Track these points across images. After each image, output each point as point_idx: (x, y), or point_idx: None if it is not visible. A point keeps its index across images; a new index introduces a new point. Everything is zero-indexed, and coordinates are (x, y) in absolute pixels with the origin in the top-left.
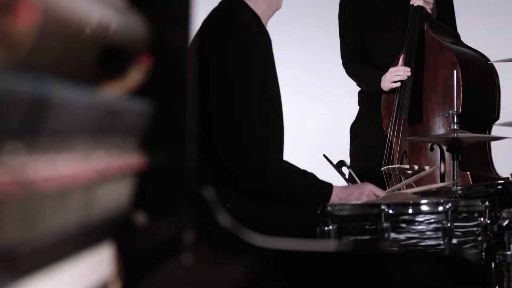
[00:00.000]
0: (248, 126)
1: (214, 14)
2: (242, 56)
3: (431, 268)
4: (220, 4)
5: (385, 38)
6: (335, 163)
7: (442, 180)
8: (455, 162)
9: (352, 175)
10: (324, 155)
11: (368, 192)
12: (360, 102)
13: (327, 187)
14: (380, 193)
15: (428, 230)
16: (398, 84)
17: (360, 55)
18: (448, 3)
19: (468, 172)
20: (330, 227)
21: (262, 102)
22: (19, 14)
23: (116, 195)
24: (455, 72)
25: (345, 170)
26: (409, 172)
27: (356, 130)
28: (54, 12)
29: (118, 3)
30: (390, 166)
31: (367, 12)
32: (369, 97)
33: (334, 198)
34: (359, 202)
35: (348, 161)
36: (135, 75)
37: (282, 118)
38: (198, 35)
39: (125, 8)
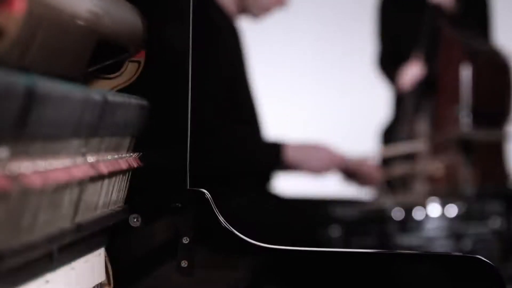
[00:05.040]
0: (212, 126)
1: None
2: (210, 54)
3: (441, 269)
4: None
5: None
6: None
7: (446, 176)
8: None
9: None
10: None
11: (326, 159)
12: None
13: (275, 153)
14: (338, 159)
15: (437, 234)
16: (410, 83)
17: (394, 58)
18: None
19: (477, 171)
20: (333, 229)
21: (231, 100)
22: (12, 5)
23: (112, 195)
24: (461, 69)
25: None
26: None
27: (388, 135)
28: (53, 9)
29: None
30: None
31: (403, 15)
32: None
33: (292, 159)
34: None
35: None
36: (131, 72)
37: (256, 114)
38: None
39: (123, 5)
